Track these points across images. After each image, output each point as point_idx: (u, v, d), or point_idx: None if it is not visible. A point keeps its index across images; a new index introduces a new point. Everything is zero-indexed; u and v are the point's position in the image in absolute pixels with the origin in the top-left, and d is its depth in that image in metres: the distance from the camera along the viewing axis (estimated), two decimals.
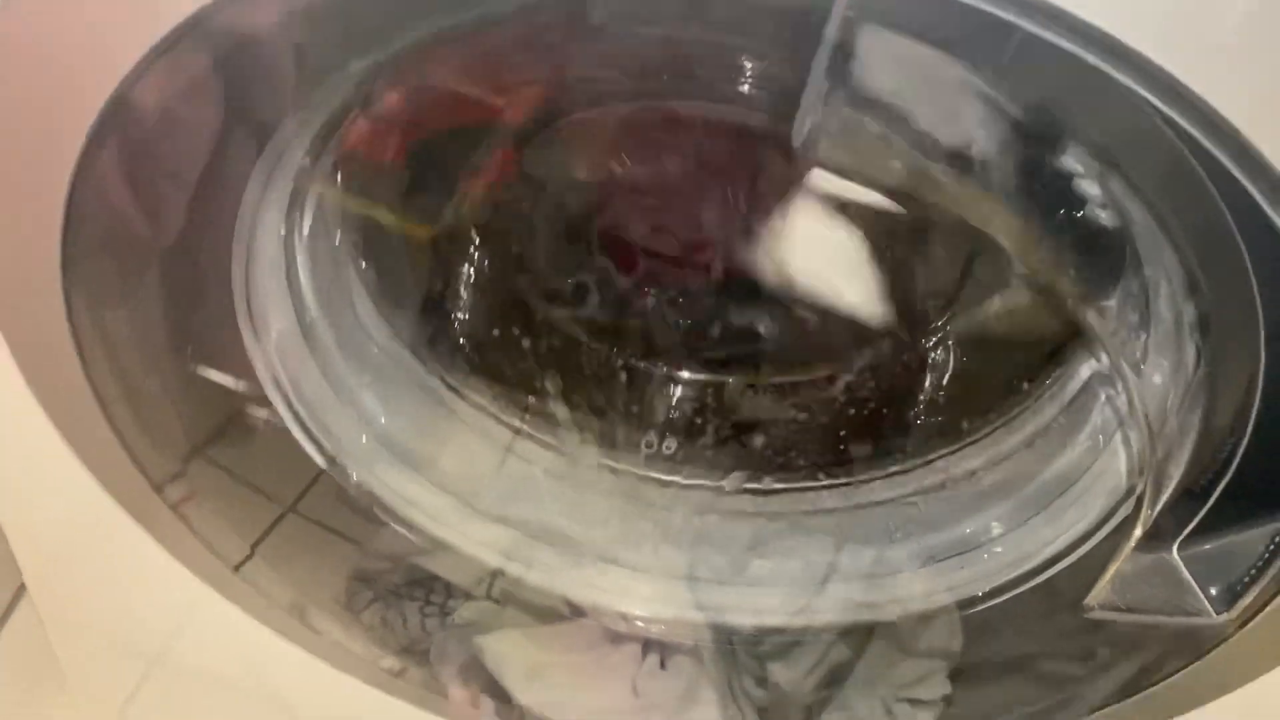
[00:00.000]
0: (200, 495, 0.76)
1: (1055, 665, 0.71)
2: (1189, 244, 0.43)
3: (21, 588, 1.06)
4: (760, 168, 0.69)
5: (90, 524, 0.80)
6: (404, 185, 0.75)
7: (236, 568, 0.81)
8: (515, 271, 0.83)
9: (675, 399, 0.84)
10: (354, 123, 0.60)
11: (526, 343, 0.84)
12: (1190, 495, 0.53)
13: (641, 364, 0.85)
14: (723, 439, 0.81)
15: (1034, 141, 0.43)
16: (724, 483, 0.81)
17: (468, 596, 0.84)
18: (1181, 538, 0.54)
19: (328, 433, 0.75)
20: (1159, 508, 0.53)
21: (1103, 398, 0.64)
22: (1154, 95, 0.38)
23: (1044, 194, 0.44)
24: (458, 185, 0.76)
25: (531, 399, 0.85)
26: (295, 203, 0.62)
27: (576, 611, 0.80)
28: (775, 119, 0.46)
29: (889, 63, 0.41)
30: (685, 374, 0.84)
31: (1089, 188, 0.45)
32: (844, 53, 0.41)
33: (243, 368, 0.67)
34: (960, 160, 0.43)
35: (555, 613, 0.81)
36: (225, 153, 0.51)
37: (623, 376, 0.85)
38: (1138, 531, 0.54)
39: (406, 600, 0.87)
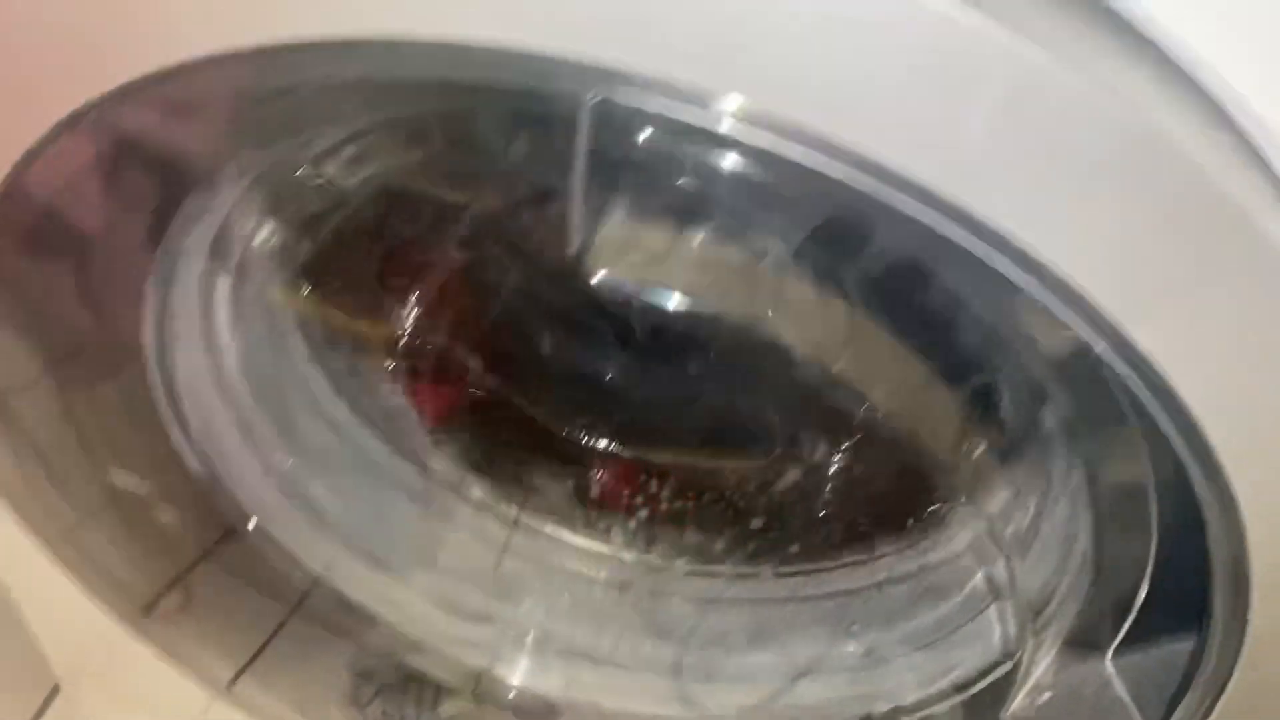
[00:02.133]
0: (181, 621, 0.77)
1: None
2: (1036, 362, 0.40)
3: (56, 688, 1.11)
4: None
5: (102, 632, 0.83)
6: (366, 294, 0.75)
7: (229, 686, 0.82)
8: (476, 363, 0.83)
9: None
10: None
11: (488, 431, 0.83)
12: (1116, 607, 0.49)
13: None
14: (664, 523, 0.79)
15: (841, 248, 0.40)
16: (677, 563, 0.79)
17: (453, 693, 0.84)
18: (1113, 649, 0.50)
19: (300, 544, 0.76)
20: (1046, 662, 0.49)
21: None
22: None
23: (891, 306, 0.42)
24: (415, 284, 0.76)
25: (515, 497, 0.84)
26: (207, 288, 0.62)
27: (552, 710, 0.79)
28: None
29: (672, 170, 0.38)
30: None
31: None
32: (610, 163, 0.38)
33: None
34: (750, 272, 0.41)
35: (533, 711, 0.80)
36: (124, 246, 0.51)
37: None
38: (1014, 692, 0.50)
39: (403, 694, 0.87)
